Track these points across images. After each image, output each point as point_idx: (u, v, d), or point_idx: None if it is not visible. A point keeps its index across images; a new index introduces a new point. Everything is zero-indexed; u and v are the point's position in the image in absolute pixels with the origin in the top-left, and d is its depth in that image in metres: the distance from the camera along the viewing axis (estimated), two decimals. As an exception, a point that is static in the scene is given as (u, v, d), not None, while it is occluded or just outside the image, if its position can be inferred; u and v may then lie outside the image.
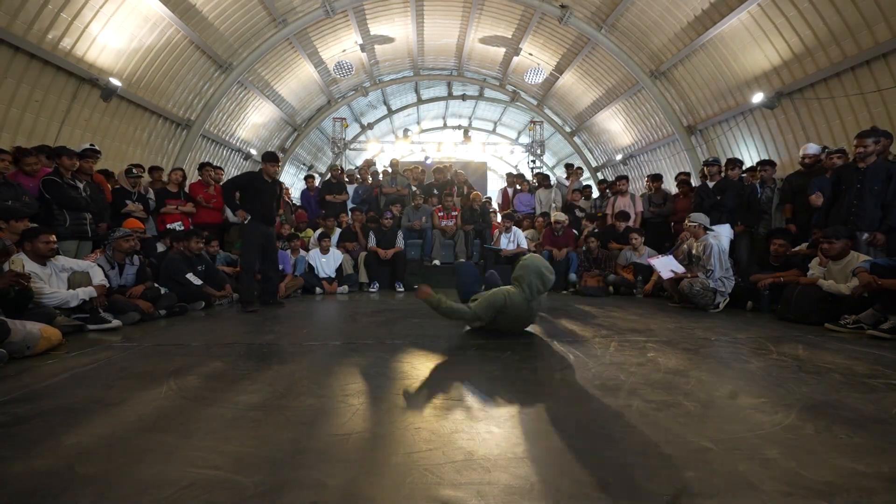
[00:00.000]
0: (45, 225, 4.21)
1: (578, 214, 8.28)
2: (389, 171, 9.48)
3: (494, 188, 16.01)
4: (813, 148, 5.60)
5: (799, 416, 1.82)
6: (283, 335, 3.52)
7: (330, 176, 9.50)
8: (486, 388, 2.22)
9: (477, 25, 11.56)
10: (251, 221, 5.03)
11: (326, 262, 6.83)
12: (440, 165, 10.02)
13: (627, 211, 7.34)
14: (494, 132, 20.15)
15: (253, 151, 12.54)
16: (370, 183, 9.09)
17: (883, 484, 1.30)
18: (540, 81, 13.32)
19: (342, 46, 11.78)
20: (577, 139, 15.14)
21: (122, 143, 7.93)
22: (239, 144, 11.83)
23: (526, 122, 17.35)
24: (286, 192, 9.03)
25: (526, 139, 17.84)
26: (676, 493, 1.25)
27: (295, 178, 15.89)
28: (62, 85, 6.51)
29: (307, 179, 9.18)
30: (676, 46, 9.05)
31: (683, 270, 5.21)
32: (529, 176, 12.37)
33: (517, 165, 20.18)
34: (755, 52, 7.65)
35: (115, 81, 7.11)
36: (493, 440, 1.60)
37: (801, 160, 5.63)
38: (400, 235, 7.44)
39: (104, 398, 2.04)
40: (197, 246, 5.37)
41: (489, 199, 10.12)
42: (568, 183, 9.28)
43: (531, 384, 2.28)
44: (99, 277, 3.99)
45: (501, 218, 8.02)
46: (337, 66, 12.41)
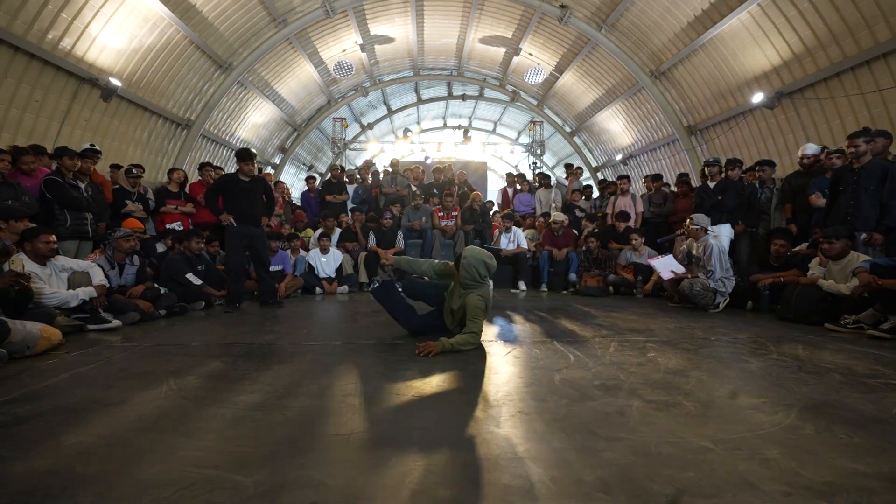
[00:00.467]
0: (45, 225, 4.21)
1: (578, 214, 8.27)
2: (389, 170, 9.48)
3: (494, 188, 16.01)
4: (812, 148, 5.60)
5: (799, 416, 1.82)
6: (283, 335, 3.52)
7: (330, 176, 9.49)
8: (485, 387, 2.22)
9: (477, 25, 11.57)
10: (235, 225, 4.97)
11: (326, 262, 6.83)
12: (440, 165, 10.01)
13: (627, 211, 7.33)
14: (494, 132, 20.16)
15: (253, 151, 12.53)
16: (370, 183, 9.08)
17: (883, 484, 1.30)
18: (540, 81, 13.32)
19: (342, 46, 11.79)
20: (577, 139, 15.14)
21: (122, 143, 7.93)
22: (239, 144, 11.83)
23: (526, 122, 17.35)
24: (286, 192, 9.00)
25: (526, 139, 17.85)
26: (676, 493, 1.25)
27: (295, 178, 15.88)
28: (62, 85, 6.51)
29: (308, 180, 9.18)
30: (676, 46, 9.05)
31: (683, 270, 5.20)
32: (530, 176, 12.34)
33: (517, 165, 20.19)
34: (755, 52, 7.65)
35: (115, 81, 7.11)
36: (493, 440, 1.60)
37: (800, 160, 5.63)
38: (400, 235, 7.44)
39: (104, 398, 2.04)
40: (198, 246, 5.37)
41: (491, 202, 10.08)
42: (567, 183, 9.27)
43: (531, 384, 2.28)
44: (99, 277, 3.99)
45: (501, 218, 7.99)
46: (337, 66, 12.41)
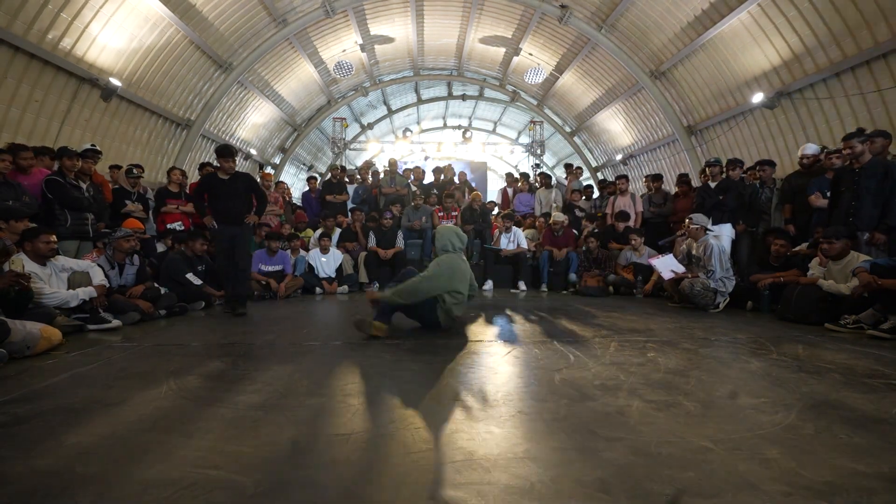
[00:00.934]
0: (46, 225, 4.21)
1: (578, 214, 8.27)
2: (388, 170, 9.47)
3: (494, 188, 16.00)
4: (811, 148, 5.60)
5: (799, 416, 1.82)
6: (283, 335, 3.52)
7: (330, 176, 9.49)
8: (485, 387, 2.22)
9: (477, 25, 11.56)
10: (218, 225, 4.75)
11: (326, 262, 6.83)
12: (440, 166, 10.00)
13: (627, 211, 7.33)
14: (494, 132, 20.15)
15: (253, 151, 12.54)
16: (370, 183, 9.09)
17: (883, 484, 1.30)
18: (540, 81, 13.31)
19: (342, 46, 11.79)
20: (577, 139, 15.14)
21: (122, 143, 7.93)
22: (239, 144, 11.83)
23: (526, 122, 17.35)
24: (287, 192, 9.00)
25: (526, 139, 17.84)
26: (676, 493, 1.25)
27: (295, 178, 15.89)
28: (62, 85, 6.51)
29: (309, 181, 9.19)
30: (676, 46, 9.05)
31: (684, 270, 5.20)
32: (533, 177, 12.30)
33: (517, 165, 20.19)
34: (755, 52, 7.64)
35: (115, 81, 7.11)
36: (493, 440, 1.60)
37: (799, 160, 5.63)
38: (400, 235, 7.43)
39: (104, 398, 2.04)
40: (202, 248, 5.38)
41: (492, 202, 10.05)
42: (566, 183, 9.27)
43: (531, 384, 2.28)
44: (99, 277, 3.99)
45: (501, 218, 7.99)
46: (337, 66, 12.41)
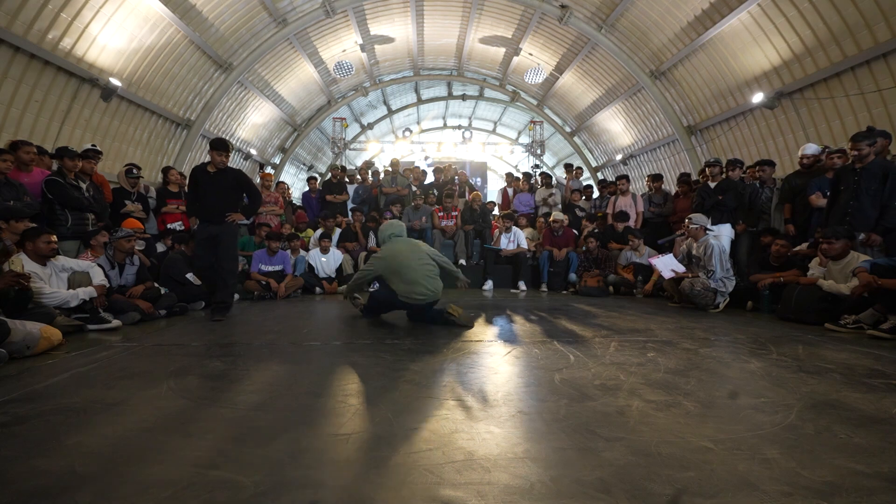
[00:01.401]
0: (46, 225, 4.21)
1: (579, 214, 8.27)
2: (389, 170, 9.47)
3: (494, 188, 16.01)
4: (812, 148, 5.60)
5: (799, 416, 1.82)
6: (283, 335, 3.52)
7: (330, 176, 9.49)
8: (485, 387, 2.22)
9: (477, 25, 11.56)
10: (199, 223, 4.43)
11: (326, 262, 6.83)
12: (440, 165, 10.00)
13: (627, 211, 7.33)
14: (494, 132, 20.15)
15: (253, 151, 12.53)
16: (370, 183, 9.08)
17: (883, 484, 1.30)
18: (540, 81, 13.31)
19: (342, 46, 11.78)
20: (577, 139, 15.13)
21: (122, 143, 7.93)
22: (239, 144, 11.82)
23: (526, 122, 17.34)
24: (287, 192, 8.99)
25: (526, 139, 17.84)
26: (676, 493, 1.25)
27: (295, 178, 15.88)
28: (62, 85, 6.50)
29: (310, 181, 9.19)
30: (676, 46, 9.05)
31: (684, 270, 5.20)
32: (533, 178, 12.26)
33: (517, 165, 20.19)
34: (755, 52, 7.64)
35: (115, 81, 7.11)
36: (493, 440, 1.60)
37: (800, 160, 5.63)
38: (400, 235, 7.42)
39: (104, 398, 2.04)
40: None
41: (492, 202, 10.03)
42: (566, 183, 9.27)
43: (531, 384, 2.28)
44: (99, 277, 3.99)
45: (501, 218, 7.98)
46: (337, 66, 12.40)
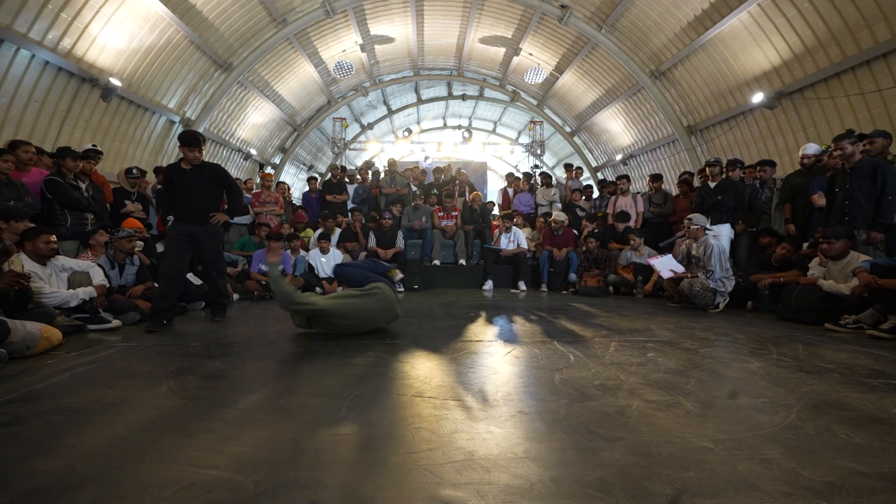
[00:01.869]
0: (46, 225, 4.21)
1: (579, 214, 8.27)
2: (388, 169, 9.46)
3: (494, 188, 16.00)
4: (812, 148, 5.59)
5: (799, 416, 1.82)
6: (283, 335, 3.51)
7: (330, 176, 9.49)
8: (485, 387, 2.22)
9: (477, 25, 11.56)
10: (173, 222, 4.16)
11: (326, 262, 6.83)
12: (440, 166, 9.99)
13: (628, 211, 7.32)
14: (494, 132, 20.15)
15: (253, 151, 12.53)
16: (369, 183, 9.08)
17: (883, 484, 1.30)
18: (540, 81, 13.31)
19: (342, 46, 11.79)
20: (577, 139, 15.14)
21: (122, 143, 7.93)
22: (239, 144, 11.83)
23: (526, 122, 17.35)
24: (287, 192, 8.98)
25: (526, 139, 17.84)
26: (676, 493, 1.25)
27: (295, 178, 15.88)
28: (62, 85, 6.51)
29: (310, 181, 9.20)
30: (676, 46, 9.05)
31: (683, 270, 5.20)
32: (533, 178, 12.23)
33: (517, 165, 20.20)
34: (755, 52, 7.65)
35: (115, 81, 7.11)
36: (493, 440, 1.60)
37: (800, 160, 5.63)
38: (400, 235, 7.43)
39: (104, 398, 2.04)
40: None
41: (491, 202, 10.02)
42: (566, 183, 9.27)
43: (531, 384, 2.28)
44: (99, 277, 3.99)
45: (502, 218, 7.97)
46: (337, 66, 12.41)
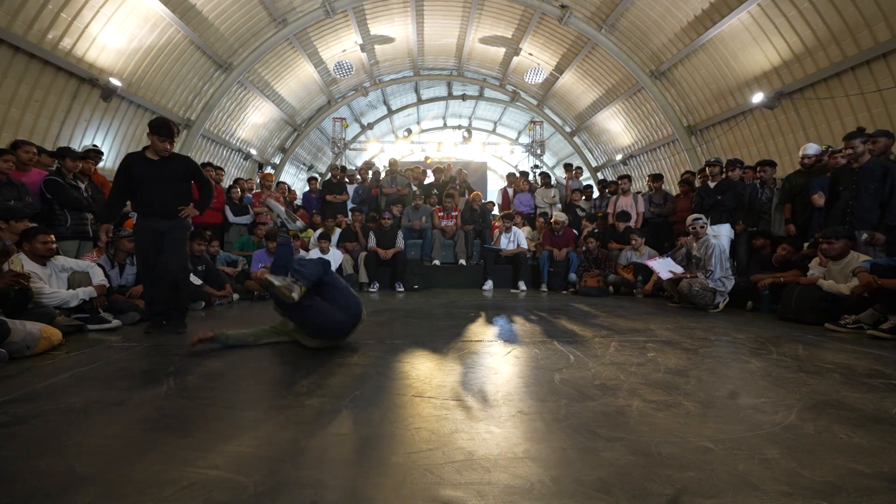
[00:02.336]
0: (47, 225, 4.21)
1: (579, 214, 8.27)
2: (389, 169, 9.46)
3: (494, 188, 16.00)
4: (812, 148, 5.59)
5: (799, 416, 1.82)
6: (283, 335, 3.51)
7: (330, 176, 9.49)
8: (485, 387, 2.22)
9: (477, 25, 11.57)
10: (137, 219, 3.74)
11: (326, 262, 6.82)
12: (440, 165, 9.99)
13: (628, 211, 7.32)
14: (494, 132, 20.16)
15: (253, 151, 12.54)
16: (369, 183, 9.08)
17: (883, 484, 1.30)
18: (540, 81, 13.31)
19: (342, 46, 11.79)
20: (577, 139, 15.14)
21: (122, 143, 7.94)
22: (239, 144, 11.83)
23: (526, 122, 17.35)
24: (289, 192, 8.96)
25: (526, 139, 17.85)
26: (676, 493, 1.25)
27: (295, 178, 15.88)
28: (62, 85, 6.51)
29: (310, 181, 9.20)
30: (676, 46, 9.05)
31: (682, 271, 5.20)
32: (533, 178, 12.23)
33: (517, 165, 20.20)
34: (755, 52, 7.65)
35: (115, 81, 7.11)
36: (493, 440, 1.60)
37: (800, 160, 5.63)
38: (400, 235, 7.43)
39: (104, 398, 2.04)
40: (199, 248, 5.38)
41: (491, 202, 10.02)
42: (565, 183, 9.27)
43: (531, 384, 2.28)
44: (99, 277, 3.98)
45: (502, 218, 7.97)
46: (337, 66, 12.41)
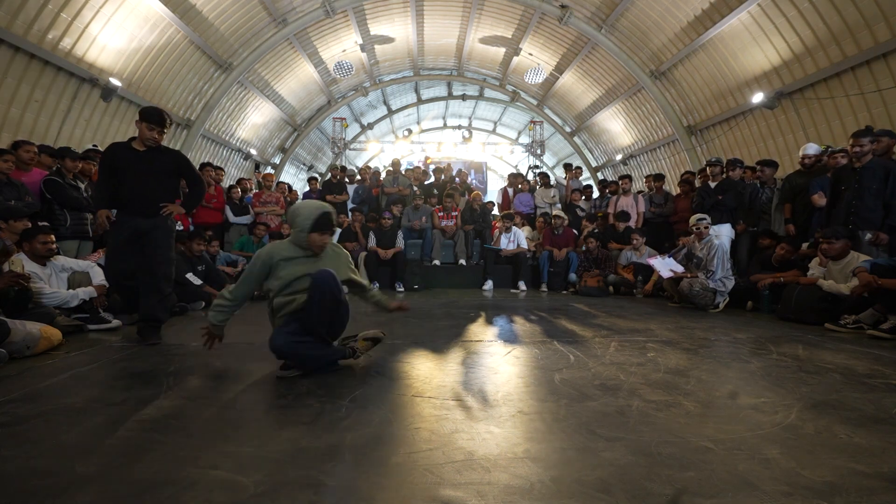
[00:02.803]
0: (46, 225, 4.20)
1: (579, 214, 8.27)
2: (391, 169, 9.46)
3: (494, 188, 16.00)
4: (812, 148, 5.59)
5: (799, 416, 1.82)
6: (283, 335, 3.50)
7: (330, 176, 9.50)
8: (485, 387, 2.22)
9: (477, 25, 11.57)
10: (117, 215, 3.41)
11: (327, 262, 6.82)
12: (440, 166, 10.00)
13: (628, 211, 7.33)
14: (494, 132, 20.15)
15: (253, 151, 12.54)
16: (369, 183, 9.09)
17: (883, 484, 1.30)
18: (540, 81, 13.31)
19: (342, 46, 11.79)
20: (577, 139, 15.14)
21: (122, 143, 7.93)
22: (239, 144, 11.83)
23: (526, 122, 17.35)
24: (291, 193, 8.93)
25: (526, 139, 17.85)
26: (676, 493, 1.25)
27: (295, 178, 15.89)
28: (62, 85, 6.51)
29: (310, 181, 9.21)
30: (676, 46, 9.05)
31: (683, 270, 5.20)
32: (533, 178, 12.22)
33: (517, 165, 20.20)
34: (755, 52, 7.65)
35: (115, 81, 7.11)
36: (493, 440, 1.60)
37: (801, 160, 5.62)
38: (400, 235, 7.43)
39: (104, 398, 2.04)
40: (198, 248, 5.38)
41: (491, 202, 10.02)
42: (565, 183, 9.27)
43: (531, 384, 2.28)
44: (99, 277, 3.98)
45: (502, 218, 7.97)
46: (337, 66, 12.41)
